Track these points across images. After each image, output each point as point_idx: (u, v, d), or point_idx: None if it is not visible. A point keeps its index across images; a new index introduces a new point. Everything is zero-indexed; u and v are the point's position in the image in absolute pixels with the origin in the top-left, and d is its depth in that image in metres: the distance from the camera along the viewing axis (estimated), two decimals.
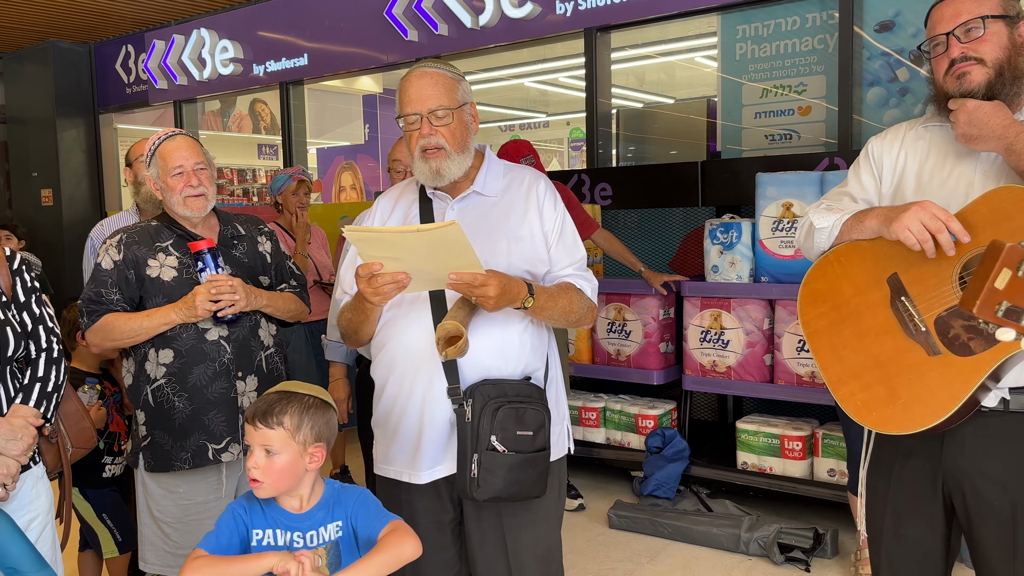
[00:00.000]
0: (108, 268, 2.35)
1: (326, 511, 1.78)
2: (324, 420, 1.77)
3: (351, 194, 8.63)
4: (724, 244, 4.01)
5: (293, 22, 6.65)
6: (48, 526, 2.14)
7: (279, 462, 1.70)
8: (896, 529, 1.88)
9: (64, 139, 8.10)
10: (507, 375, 1.96)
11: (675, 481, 4.07)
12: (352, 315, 2.05)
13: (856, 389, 1.76)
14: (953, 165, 1.80)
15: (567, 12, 5.21)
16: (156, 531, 2.38)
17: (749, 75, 4.79)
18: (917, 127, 1.91)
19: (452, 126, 1.99)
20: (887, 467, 1.90)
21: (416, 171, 2.03)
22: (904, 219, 1.64)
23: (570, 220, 2.12)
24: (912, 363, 1.70)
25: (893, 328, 1.73)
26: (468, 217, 2.02)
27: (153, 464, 2.35)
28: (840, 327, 1.80)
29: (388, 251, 1.75)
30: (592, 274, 2.13)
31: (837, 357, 1.80)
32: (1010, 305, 1.48)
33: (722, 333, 4.04)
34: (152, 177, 2.42)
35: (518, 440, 1.89)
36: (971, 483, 1.75)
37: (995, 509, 1.73)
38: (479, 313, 1.92)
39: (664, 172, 4.66)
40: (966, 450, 1.75)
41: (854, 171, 1.98)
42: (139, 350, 2.36)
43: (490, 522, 2.03)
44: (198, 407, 2.33)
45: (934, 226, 1.61)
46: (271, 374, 2.48)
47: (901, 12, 4.30)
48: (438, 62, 2.04)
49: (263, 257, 2.55)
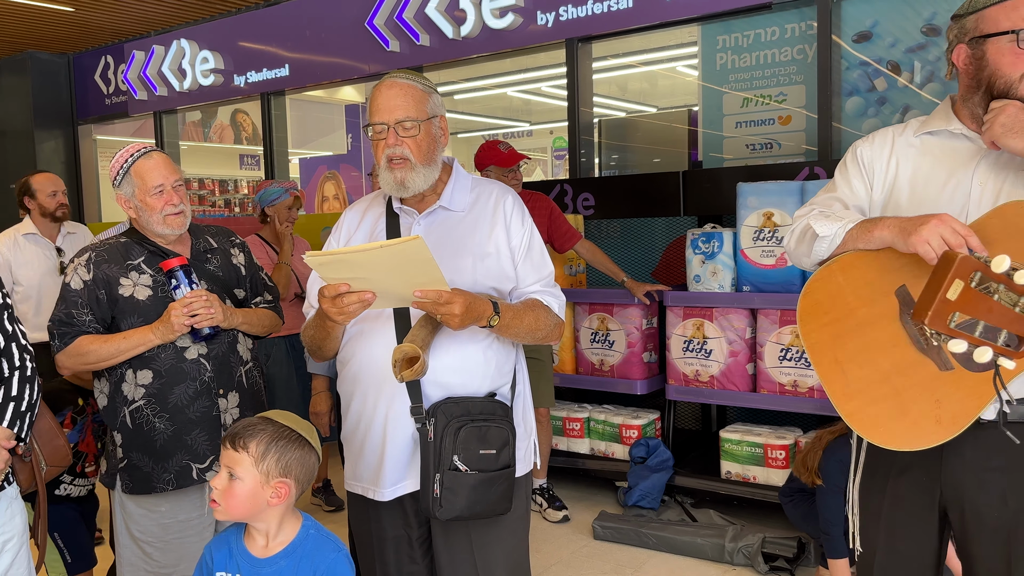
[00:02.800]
0: (78, 288, 2.28)
1: (292, 560, 1.69)
2: (297, 456, 1.69)
3: (334, 204, 8.60)
4: (706, 254, 4.02)
5: (274, 33, 6.63)
6: (23, 547, 2.10)
7: (238, 488, 1.64)
8: (891, 544, 1.85)
9: (43, 150, 8.03)
10: (472, 392, 1.95)
11: (659, 491, 4.06)
12: (315, 332, 2.03)
13: (863, 404, 1.71)
14: (948, 176, 1.76)
15: (548, 23, 5.22)
16: (136, 552, 2.33)
17: (730, 84, 4.82)
18: (907, 135, 1.86)
19: (419, 138, 1.97)
20: (881, 482, 1.87)
21: (382, 181, 2.01)
22: (923, 232, 1.57)
23: (538, 235, 2.10)
24: (923, 378, 1.65)
25: (902, 342, 1.68)
26: (434, 233, 2.01)
27: (132, 486, 2.30)
28: (845, 340, 1.74)
29: (351, 271, 1.73)
30: (559, 289, 2.11)
31: (841, 370, 1.73)
32: (962, 316, 1.48)
33: (705, 342, 4.05)
34: (126, 196, 2.33)
35: (481, 459, 1.88)
36: (971, 497, 1.73)
37: (993, 522, 1.72)
38: (443, 330, 1.91)
39: (646, 182, 4.67)
40: (967, 463, 1.73)
41: (843, 176, 1.92)
42: (115, 371, 2.30)
43: (458, 539, 2.02)
44: (180, 427, 2.29)
45: (954, 241, 1.55)
46: (251, 389, 2.45)
47: (879, 22, 4.33)
48: (411, 73, 2.03)
49: (237, 270, 2.51)
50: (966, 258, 1.46)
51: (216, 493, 1.66)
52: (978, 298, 1.49)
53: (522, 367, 2.12)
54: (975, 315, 1.46)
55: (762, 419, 4.26)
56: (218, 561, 1.72)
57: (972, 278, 1.47)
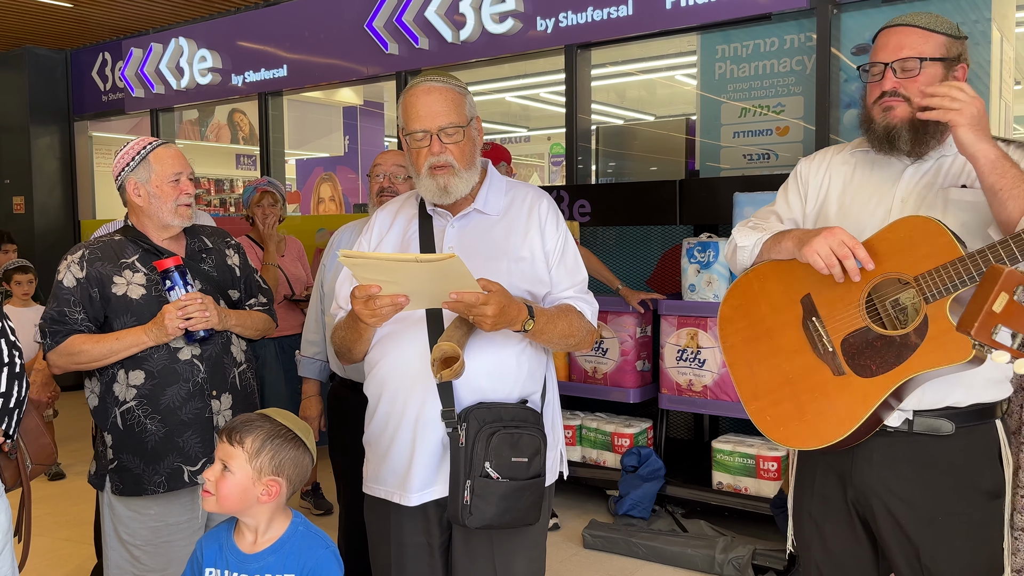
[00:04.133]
0: (70, 286, 2.26)
1: (279, 556, 1.69)
2: (291, 456, 1.70)
3: (330, 205, 8.58)
4: (701, 263, 4.01)
5: (272, 33, 6.62)
6: (7, 546, 2.07)
7: (230, 481, 1.66)
8: (823, 543, 1.92)
9: (38, 146, 7.99)
10: (503, 398, 1.91)
11: (650, 501, 4.05)
12: (346, 333, 1.99)
13: (766, 404, 1.83)
14: (873, 191, 1.86)
15: (548, 28, 5.22)
16: (124, 555, 2.30)
17: (728, 94, 4.82)
18: (844, 152, 1.97)
19: (462, 143, 1.94)
20: (809, 482, 1.95)
21: (422, 188, 1.97)
22: (814, 244, 1.69)
23: (572, 240, 2.07)
24: (818, 382, 1.76)
25: (804, 347, 1.79)
26: (468, 236, 1.98)
27: (123, 488, 2.28)
28: (755, 344, 1.87)
29: (384, 275, 1.71)
30: (592, 296, 2.08)
31: (751, 372, 1.87)
32: (1006, 328, 1.50)
33: (699, 352, 4.04)
34: (140, 181, 2.31)
35: (513, 467, 1.84)
36: (879, 500, 1.81)
37: (901, 525, 1.78)
38: (476, 334, 1.88)
39: (643, 190, 4.67)
40: (873, 467, 1.81)
41: (783, 191, 2.05)
42: (106, 371, 2.28)
43: (480, 547, 1.98)
44: (172, 429, 2.27)
45: (841, 252, 1.66)
46: (244, 390, 2.43)
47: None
48: (443, 74, 1.99)
49: (232, 271, 2.49)
50: (1012, 272, 1.49)
51: (209, 484, 1.67)
52: (1021, 311, 1.52)
53: (552, 375, 2.09)
54: (1018, 328, 1.48)
55: (754, 430, 4.22)
56: (208, 556, 1.72)
57: (1017, 291, 1.50)
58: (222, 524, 1.79)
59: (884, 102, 1.79)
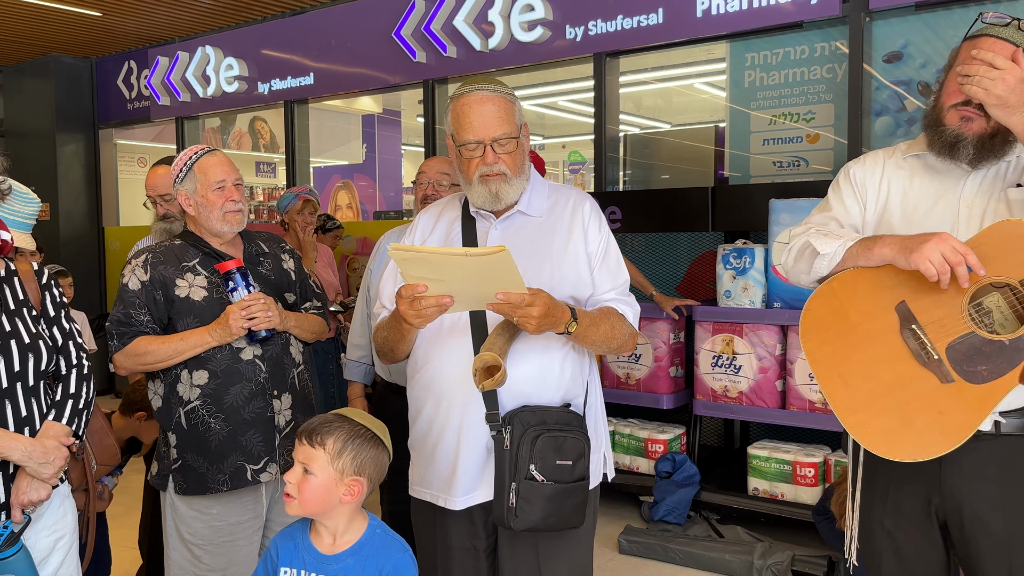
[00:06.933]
0: (135, 289, 2.30)
1: (358, 559, 1.70)
2: (371, 456, 1.71)
3: (347, 213, 8.61)
4: (737, 269, 4.02)
5: (300, 41, 6.66)
6: (74, 546, 2.11)
7: (313, 483, 1.66)
8: (896, 553, 1.90)
9: (63, 153, 8.05)
10: (547, 402, 1.92)
11: (686, 507, 4.05)
12: (389, 333, 2.01)
13: (868, 417, 1.77)
14: (937, 197, 1.86)
15: (577, 37, 5.24)
16: (186, 554, 2.33)
17: (757, 103, 4.83)
18: (896, 157, 1.96)
19: (514, 153, 1.96)
20: (882, 493, 1.92)
21: (474, 194, 2.00)
22: (925, 250, 1.66)
23: (614, 242, 2.09)
24: (925, 391, 1.72)
25: (904, 356, 1.75)
26: (512, 238, 2.00)
27: (186, 487, 2.30)
28: (848, 354, 1.81)
29: (432, 272, 1.71)
30: (634, 299, 2.09)
31: (845, 384, 1.80)
32: None
33: (734, 358, 4.05)
34: (188, 192, 2.36)
35: (557, 470, 1.85)
36: (970, 506, 1.79)
37: (993, 531, 1.77)
38: (520, 337, 1.89)
39: (675, 197, 4.68)
40: (964, 473, 1.79)
41: (836, 196, 2.01)
42: (170, 372, 2.32)
43: (525, 551, 1.99)
44: (235, 428, 2.29)
45: (954, 259, 1.64)
46: (303, 391, 2.46)
47: (909, 43, 4.35)
48: (492, 81, 2.00)
49: (288, 274, 2.53)
50: None
51: (291, 488, 1.67)
52: None
53: (595, 379, 2.10)
54: None
55: (787, 436, 4.25)
56: (283, 556, 1.73)
57: None
58: (296, 524, 1.80)
59: (964, 111, 1.78)
